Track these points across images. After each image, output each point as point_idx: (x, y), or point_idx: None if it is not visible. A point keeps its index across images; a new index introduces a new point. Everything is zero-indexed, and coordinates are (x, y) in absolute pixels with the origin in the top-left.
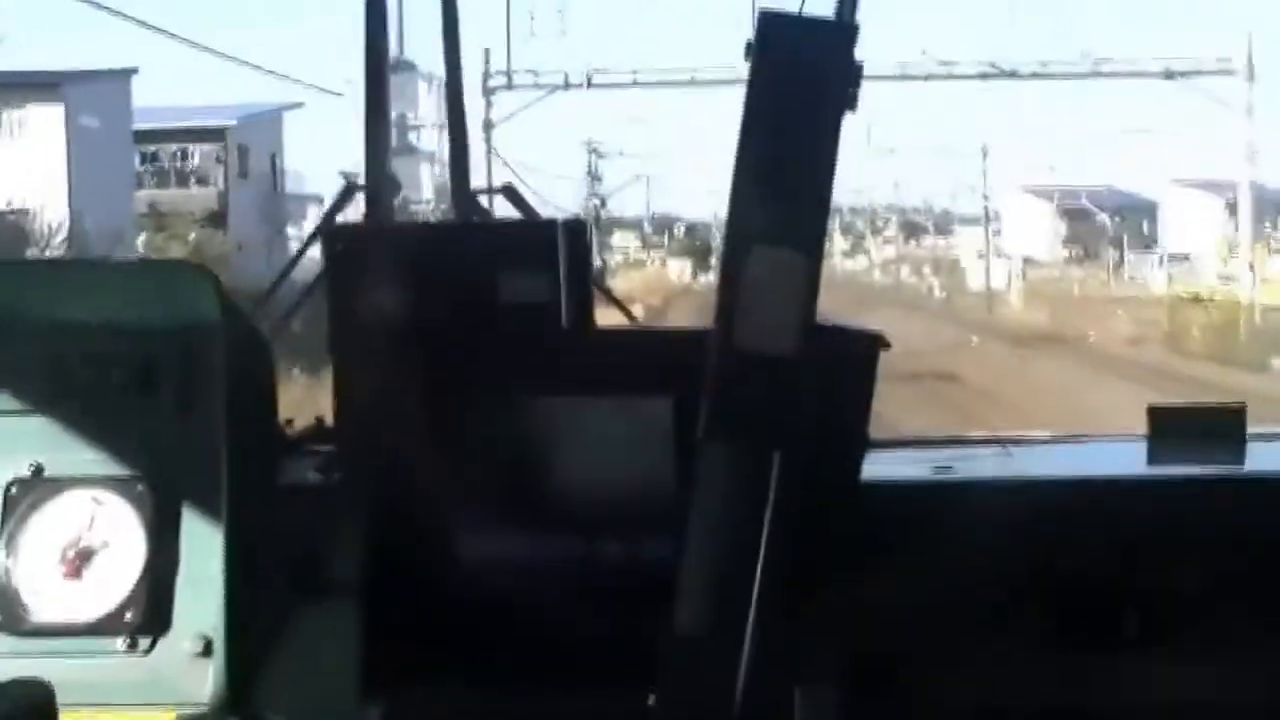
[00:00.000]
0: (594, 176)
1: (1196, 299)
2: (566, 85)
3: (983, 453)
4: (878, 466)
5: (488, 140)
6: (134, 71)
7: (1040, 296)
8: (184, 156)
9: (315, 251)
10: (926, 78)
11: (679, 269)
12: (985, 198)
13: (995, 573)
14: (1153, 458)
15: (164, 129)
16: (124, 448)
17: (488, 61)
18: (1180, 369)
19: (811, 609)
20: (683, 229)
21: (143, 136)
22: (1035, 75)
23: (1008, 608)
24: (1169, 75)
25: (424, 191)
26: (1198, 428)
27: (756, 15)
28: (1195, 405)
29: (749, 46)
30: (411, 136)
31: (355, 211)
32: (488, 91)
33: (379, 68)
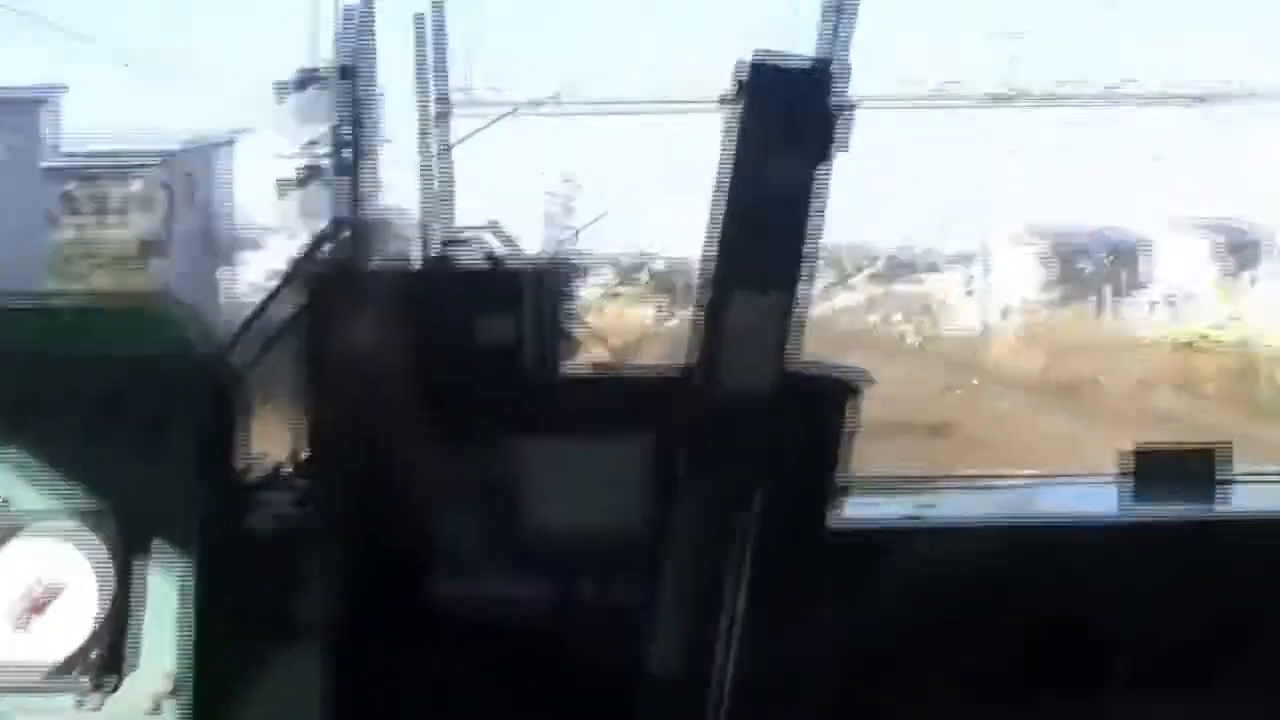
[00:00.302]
0: (563, 210)
1: (1203, 341)
2: (516, 111)
3: (960, 492)
4: (858, 506)
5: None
6: (54, 94)
7: (1033, 339)
8: (117, 186)
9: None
10: (932, 100)
11: (651, 308)
12: (979, 235)
13: (975, 611)
14: (1133, 498)
15: (95, 156)
16: (90, 484)
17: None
18: (1207, 420)
19: (789, 646)
20: (658, 267)
21: (71, 164)
22: (1050, 98)
23: (988, 645)
24: (1197, 100)
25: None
26: (1177, 469)
27: (747, 62)
28: (1175, 446)
29: (736, 92)
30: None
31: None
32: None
33: (363, 114)
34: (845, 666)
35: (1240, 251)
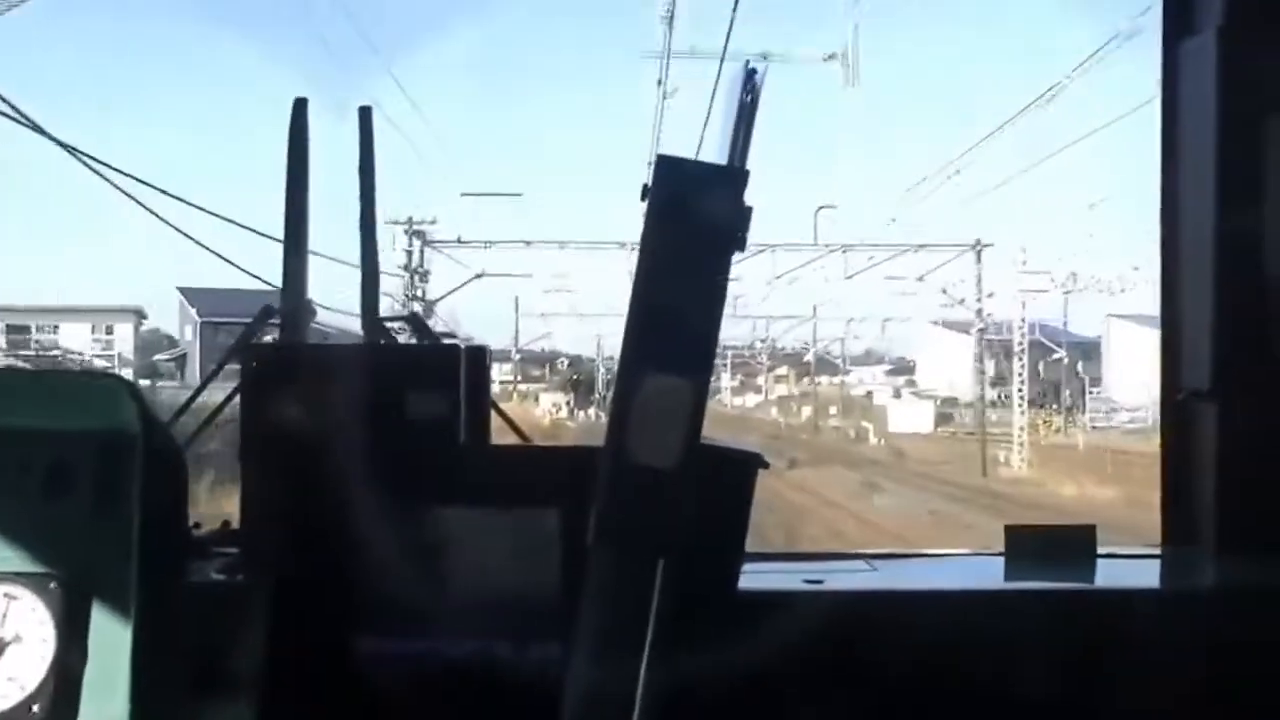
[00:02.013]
0: (415, 272)
1: None
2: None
3: (850, 566)
4: (753, 577)
5: None
6: None
7: (1039, 452)
8: None
9: None
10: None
11: (551, 404)
12: (979, 302)
13: (862, 678)
14: (1009, 574)
15: None
16: (39, 546)
17: None
18: None
19: (693, 706)
20: (565, 362)
21: None
22: None
23: (874, 714)
24: None
25: None
26: (1051, 547)
27: (654, 160)
28: (1049, 525)
29: (645, 189)
30: None
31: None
32: None
33: (299, 200)
34: None
35: None
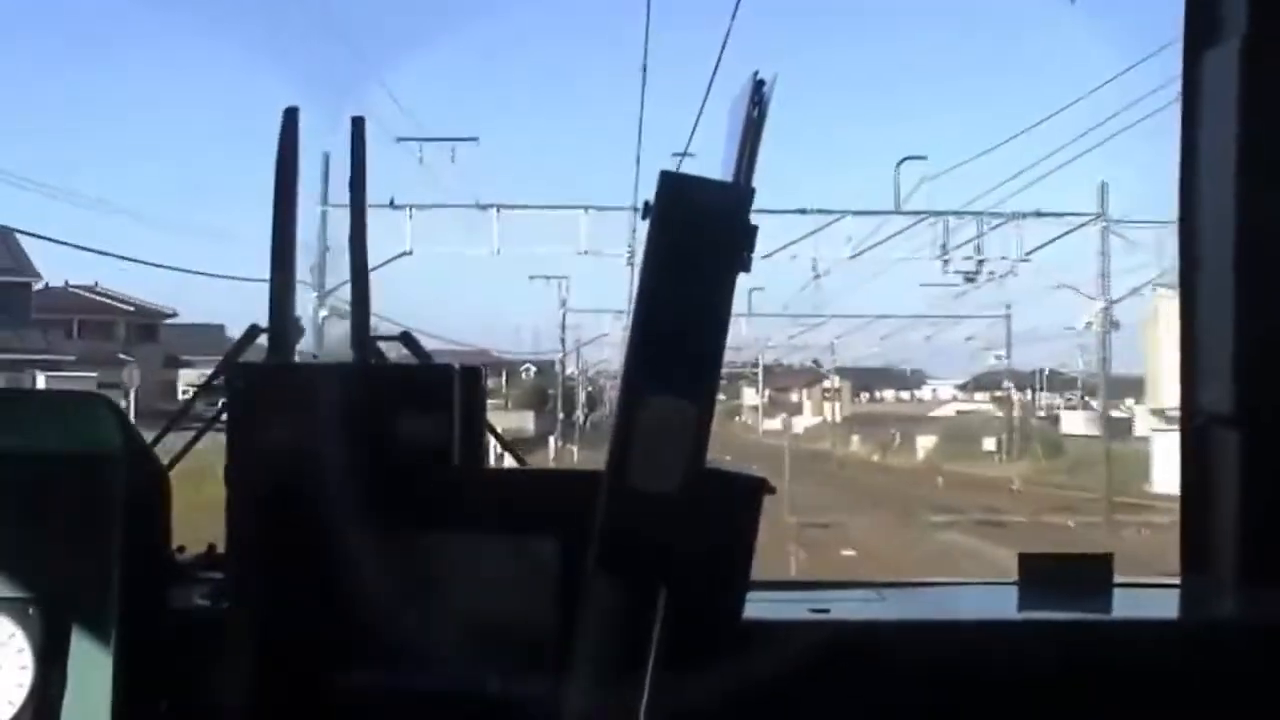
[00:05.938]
0: None
1: None
2: None
3: (858, 595)
4: (758, 606)
5: None
6: None
7: None
8: None
9: None
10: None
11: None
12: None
13: (871, 710)
14: (1023, 604)
15: None
16: (18, 570)
17: None
18: None
19: None
20: (530, 370)
21: None
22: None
23: None
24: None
25: None
26: (1067, 576)
27: (657, 176)
28: (1064, 554)
29: (647, 206)
30: None
31: None
32: None
33: (287, 213)
34: None
35: None
